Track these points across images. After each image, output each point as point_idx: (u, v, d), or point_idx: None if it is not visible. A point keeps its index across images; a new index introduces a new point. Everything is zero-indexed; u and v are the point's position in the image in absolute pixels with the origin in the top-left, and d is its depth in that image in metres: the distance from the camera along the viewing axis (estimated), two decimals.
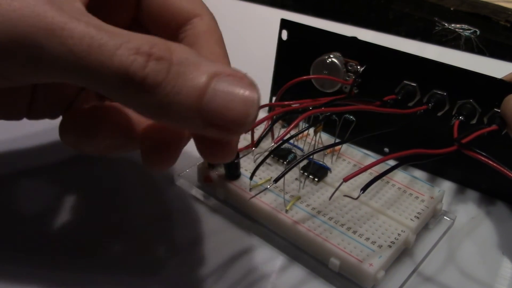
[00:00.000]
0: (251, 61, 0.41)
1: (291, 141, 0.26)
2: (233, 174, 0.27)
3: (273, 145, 0.24)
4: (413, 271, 0.24)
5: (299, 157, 0.24)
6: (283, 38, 0.33)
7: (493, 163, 0.22)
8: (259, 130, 0.30)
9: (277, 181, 0.23)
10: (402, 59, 0.29)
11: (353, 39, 0.30)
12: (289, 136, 0.24)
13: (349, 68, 0.30)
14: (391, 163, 0.24)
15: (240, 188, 0.26)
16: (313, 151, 0.24)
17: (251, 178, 0.25)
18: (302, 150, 0.28)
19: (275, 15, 0.36)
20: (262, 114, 0.29)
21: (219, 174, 0.27)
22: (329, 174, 0.27)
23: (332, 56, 0.30)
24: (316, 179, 0.27)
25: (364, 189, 0.22)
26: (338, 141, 0.26)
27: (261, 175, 0.27)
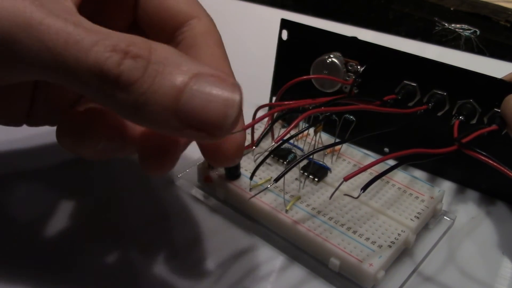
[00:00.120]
0: (251, 61, 0.41)
1: (291, 141, 0.26)
2: (233, 174, 0.27)
3: (273, 144, 0.24)
4: (413, 271, 0.24)
5: (299, 157, 0.24)
6: (283, 38, 0.33)
7: (493, 163, 0.22)
8: (259, 130, 0.30)
9: (277, 180, 0.23)
10: (402, 59, 0.29)
11: (353, 39, 0.30)
12: (289, 136, 0.24)
13: (349, 68, 0.30)
14: (391, 162, 0.24)
15: (240, 188, 0.26)
16: (313, 151, 0.24)
17: (251, 178, 0.25)
18: (302, 150, 0.28)
19: (275, 15, 0.36)
20: (262, 114, 0.29)
21: (219, 174, 0.27)
22: (329, 174, 0.27)
23: (332, 56, 0.30)
24: (316, 179, 0.27)
25: (364, 188, 0.22)
26: (338, 141, 0.26)
27: (261, 175, 0.27)
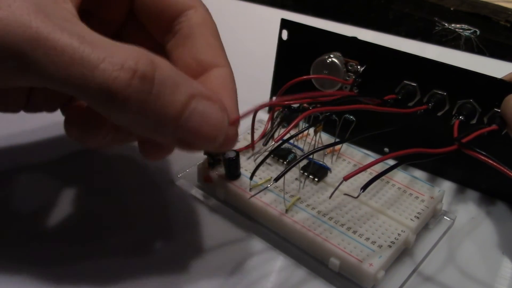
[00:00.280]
0: (251, 61, 0.41)
1: (291, 141, 0.26)
2: (233, 174, 0.27)
3: (274, 144, 0.24)
4: (413, 271, 0.24)
5: (299, 157, 0.24)
6: (283, 38, 0.33)
7: (493, 162, 0.22)
8: (259, 130, 0.30)
9: (277, 180, 0.23)
10: (402, 59, 0.29)
11: (353, 39, 0.30)
12: (289, 136, 0.24)
13: (349, 68, 0.30)
14: (391, 162, 0.23)
15: (240, 188, 0.26)
16: (313, 150, 0.24)
17: (251, 178, 0.25)
18: (302, 150, 0.28)
19: (275, 15, 0.36)
20: (262, 114, 0.29)
21: (219, 174, 0.27)
22: (329, 174, 0.27)
23: (332, 56, 0.30)
24: (316, 179, 0.27)
25: (364, 188, 0.22)
26: (338, 141, 0.26)
27: (261, 175, 0.27)
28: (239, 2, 0.52)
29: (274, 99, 0.34)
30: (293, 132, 0.24)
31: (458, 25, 0.50)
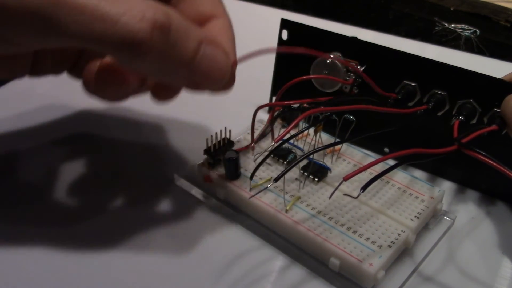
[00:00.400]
0: (251, 61, 0.41)
1: (291, 141, 0.26)
2: (233, 174, 0.27)
3: (273, 144, 0.24)
4: (413, 271, 0.24)
5: (299, 157, 0.24)
6: (283, 38, 0.33)
7: (493, 163, 0.22)
8: (259, 130, 0.30)
9: (277, 180, 0.23)
10: (402, 59, 0.29)
11: (353, 39, 0.30)
12: (289, 136, 0.24)
13: (349, 68, 0.30)
14: (391, 162, 0.23)
15: (240, 188, 0.26)
16: (313, 150, 0.24)
17: (251, 178, 0.25)
18: (302, 150, 0.28)
19: (275, 15, 0.36)
20: (262, 114, 0.29)
21: (219, 174, 0.27)
22: (329, 174, 0.27)
23: (332, 56, 0.30)
24: (316, 179, 0.27)
25: (364, 188, 0.21)
26: (338, 141, 0.26)
27: (261, 175, 0.27)
28: (239, 2, 0.52)
29: (274, 100, 0.34)
30: (293, 132, 0.24)
31: (458, 25, 0.50)
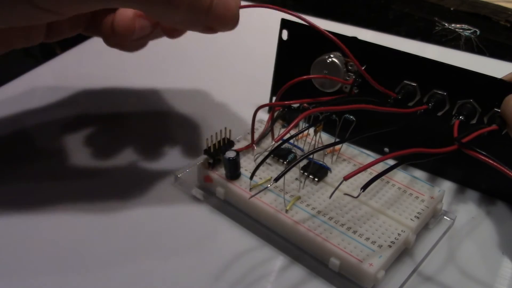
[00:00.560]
0: (251, 61, 0.41)
1: (291, 141, 0.26)
2: (233, 174, 0.27)
3: (273, 144, 0.24)
4: (413, 271, 0.24)
5: (299, 157, 0.24)
6: (283, 38, 0.33)
7: (493, 162, 0.22)
8: (259, 130, 0.30)
9: (277, 180, 0.23)
10: (402, 59, 0.29)
11: (353, 39, 0.30)
12: (289, 136, 0.24)
13: (349, 68, 0.30)
14: (391, 162, 0.24)
15: (240, 188, 0.26)
16: (313, 150, 0.24)
17: (251, 178, 0.25)
18: (302, 150, 0.28)
19: (275, 15, 0.36)
20: (262, 114, 0.29)
21: (219, 174, 0.27)
22: (329, 174, 0.27)
23: (332, 56, 0.30)
24: (316, 179, 0.27)
25: (364, 188, 0.22)
26: (337, 141, 0.26)
27: (261, 175, 0.27)
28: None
29: (274, 100, 0.34)
30: (293, 132, 0.24)
31: (458, 25, 0.50)
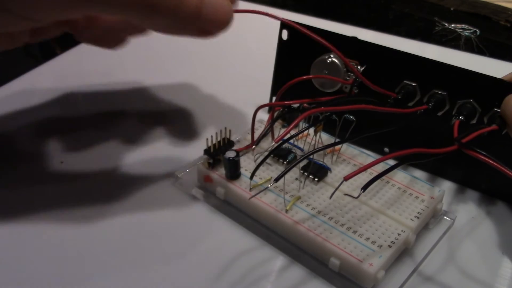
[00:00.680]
0: (251, 61, 0.41)
1: (291, 141, 0.26)
2: (233, 174, 0.27)
3: (273, 144, 0.24)
4: (413, 271, 0.24)
5: (299, 157, 0.24)
6: (283, 38, 0.33)
7: (493, 162, 0.22)
8: (259, 130, 0.30)
9: (277, 180, 0.23)
10: (402, 59, 0.29)
11: (353, 39, 0.30)
12: (289, 136, 0.24)
13: (349, 68, 0.30)
14: (391, 162, 0.23)
15: (240, 188, 0.26)
16: (313, 150, 0.24)
17: (251, 178, 0.25)
18: (302, 150, 0.28)
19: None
20: (262, 114, 0.29)
21: (219, 174, 0.27)
22: (329, 174, 0.27)
23: (332, 55, 0.30)
24: (316, 179, 0.27)
25: (364, 188, 0.22)
26: (337, 141, 0.26)
27: (261, 175, 0.27)
28: (239, 2, 0.52)
29: (274, 100, 0.34)
30: (293, 132, 0.24)
31: (458, 25, 0.50)
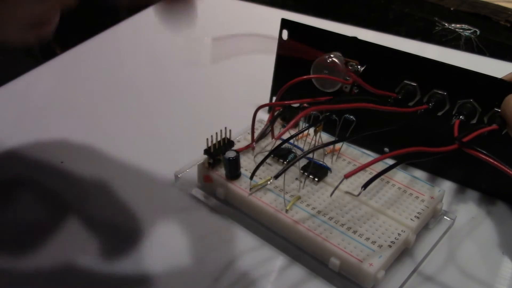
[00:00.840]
0: (251, 61, 0.41)
1: (291, 141, 0.26)
2: (233, 174, 0.27)
3: (273, 141, 0.24)
4: (413, 271, 0.24)
5: (299, 156, 0.24)
6: (284, 38, 0.33)
7: (493, 161, 0.22)
8: (259, 129, 0.30)
9: (277, 177, 0.23)
10: (402, 59, 0.29)
11: (354, 39, 0.30)
12: (289, 135, 0.24)
13: (350, 67, 0.30)
14: (392, 161, 0.23)
15: (240, 188, 0.26)
16: (313, 148, 0.24)
17: (251, 178, 0.25)
18: (302, 150, 0.28)
19: (275, 15, 0.36)
20: (262, 114, 0.29)
21: (219, 174, 0.27)
22: (329, 174, 0.27)
23: (332, 55, 0.30)
24: (316, 179, 0.27)
25: (365, 186, 0.21)
26: (337, 139, 0.25)
27: (261, 175, 0.27)
28: (239, 2, 0.52)
29: (274, 100, 0.34)
30: (293, 132, 0.24)
31: (458, 25, 0.49)
